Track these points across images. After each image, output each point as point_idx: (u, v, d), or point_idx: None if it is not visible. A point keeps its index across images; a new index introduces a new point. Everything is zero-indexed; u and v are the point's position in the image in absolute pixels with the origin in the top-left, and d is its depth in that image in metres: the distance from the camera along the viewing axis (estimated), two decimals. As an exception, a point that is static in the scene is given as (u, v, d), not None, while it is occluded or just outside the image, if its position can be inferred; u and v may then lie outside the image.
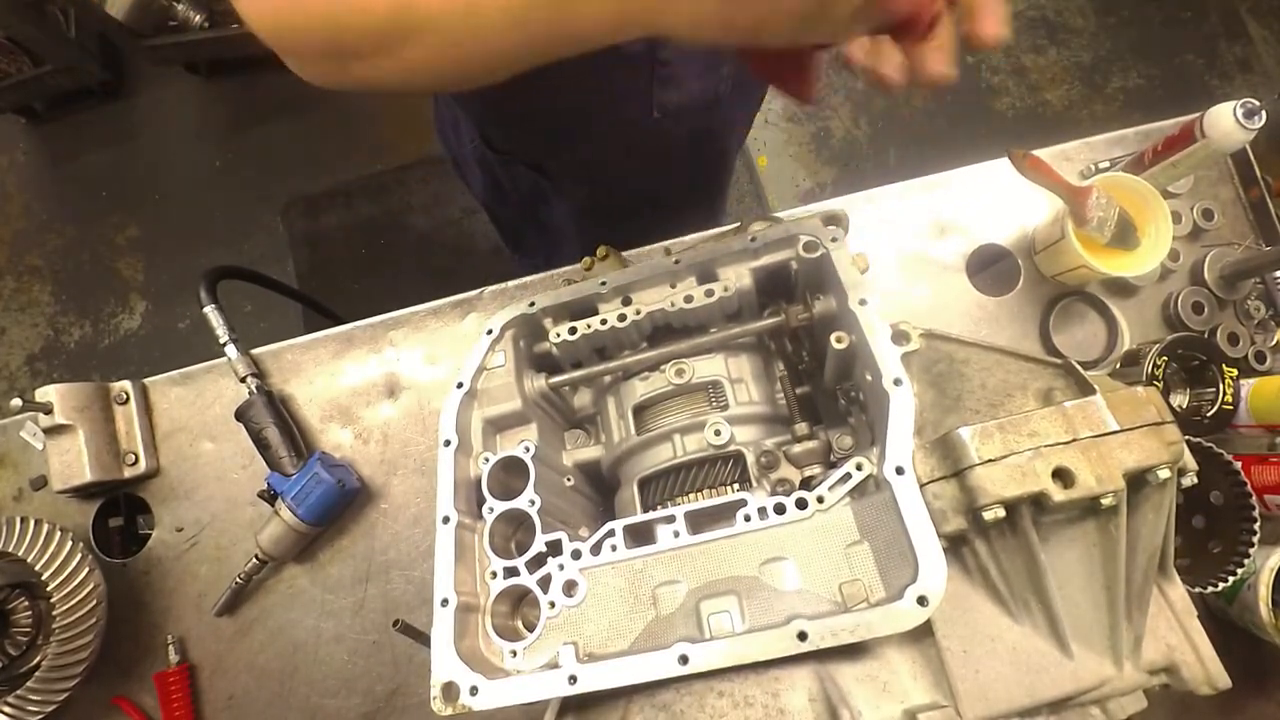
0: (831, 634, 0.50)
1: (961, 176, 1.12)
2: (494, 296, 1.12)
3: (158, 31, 2.56)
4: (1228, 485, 0.86)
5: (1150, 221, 0.98)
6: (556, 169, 1.17)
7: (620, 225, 1.23)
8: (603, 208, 1.25)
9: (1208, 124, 0.94)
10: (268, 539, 0.98)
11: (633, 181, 1.19)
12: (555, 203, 1.25)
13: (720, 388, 0.73)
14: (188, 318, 2.61)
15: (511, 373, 0.74)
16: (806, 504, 0.58)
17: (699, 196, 1.31)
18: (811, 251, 0.70)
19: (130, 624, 1.04)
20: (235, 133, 2.82)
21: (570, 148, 1.11)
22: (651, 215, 1.25)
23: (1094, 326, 1.07)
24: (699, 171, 1.26)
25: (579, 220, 1.29)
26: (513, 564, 0.64)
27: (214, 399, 1.11)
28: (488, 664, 0.60)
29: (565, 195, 1.22)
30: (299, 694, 1.00)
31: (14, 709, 0.88)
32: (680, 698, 0.54)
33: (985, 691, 0.52)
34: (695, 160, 1.21)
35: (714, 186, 1.39)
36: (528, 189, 1.24)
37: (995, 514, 0.51)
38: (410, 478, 1.06)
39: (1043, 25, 2.74)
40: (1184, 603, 0.58)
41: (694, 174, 1.25)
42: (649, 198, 1.25)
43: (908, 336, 0.62)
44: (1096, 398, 0.53)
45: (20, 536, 0.92)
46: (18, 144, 2.92)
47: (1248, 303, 1.06)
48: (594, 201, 1.23)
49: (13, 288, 2.75)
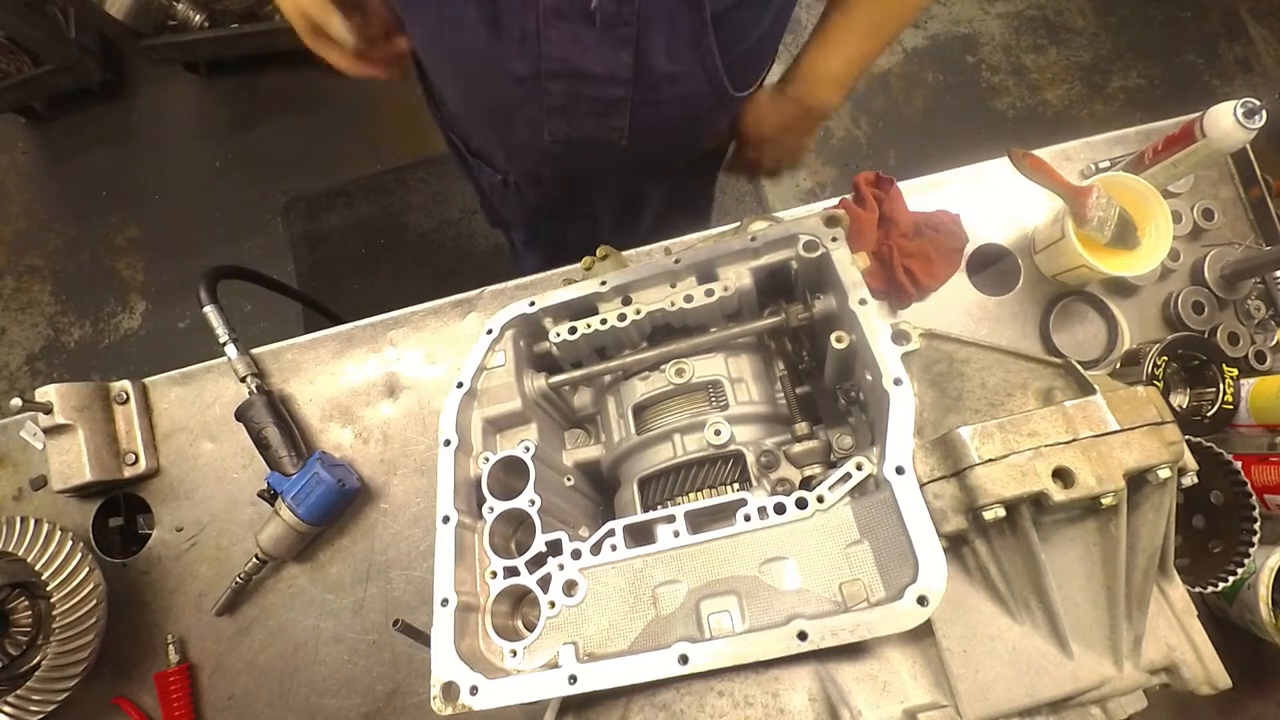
0: (831, 634, 0.50)
1: (961, 176, 1.12)
2: (494, 296, 1.12)
3: (158, 31, 2.56)
4: (1228, 485, 0.86)
5: (1150, 221, 0.98)
6: (511, 169, 1.19)
7: (571, 229, 1.29)
8: (551, 211, 1.27)
9: (1208, 124, 0.94)
10: (268, 539, 0.98)
11: (568, 191, 1.18)
12: (513, 200, 1.27)
13: (720, 387, 0.73)
14: (188, 318, 2.61)
15: (511, 372, 0.74)
16: (806, 504, 0.58)
17: (631, 219, 1.30)
18: (811, 251, 0.70)
19: (130, 624, 1.04)
20: (235, 133, 2.82)
21: (505, 153, 1.12)
22: (600, 222, 1.27)
23: (1094, 326, 1.07)
24: (621, 197, 1.23)
25: (533, 218, 1.32)
26: (513, 564, 0.64)
27: (214, 399, 1.11)
28: (488, 664, 0.60)
29: (520, 194, 1.24)
30: (299, 694, 1.00)
31: (14, 709, 0.88)
32: (680, 697, 0.54)
33: (985, 691, 0.52)
34: (613, 189, 1.20)
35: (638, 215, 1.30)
36: (489, 187, 1.28)
37: (995, 514, 0.51)
38: (410, 477, 1.06)
39: (1043, 25, 2.74)
40: (1184, 603, 0.58)
41: (619, 200, 1.24)
42: (587, 210, 1.25)
43: (908, 336, 0.62)
44: (1097, 397, 0.53)
45: (20, 536, 0.92)
46: (18, 144, 2.92)
47: (1248, 302, 1.06)
48: (541, 203, 1.25)
49: (13, 288, 2.75)
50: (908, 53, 2.72)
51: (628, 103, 0.91)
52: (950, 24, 2.75)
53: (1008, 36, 2.73)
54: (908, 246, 1.01)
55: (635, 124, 0.94)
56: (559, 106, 0.92)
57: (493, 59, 0.88)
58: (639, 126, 0.95)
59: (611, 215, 1.25)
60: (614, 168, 1.09)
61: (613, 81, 0.87)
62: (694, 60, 0.87)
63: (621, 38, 0.82)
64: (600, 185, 1.17)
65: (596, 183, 1.16)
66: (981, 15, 2.76)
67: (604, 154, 1.02)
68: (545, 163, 1.07)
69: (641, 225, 1.29)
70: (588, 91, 0.89)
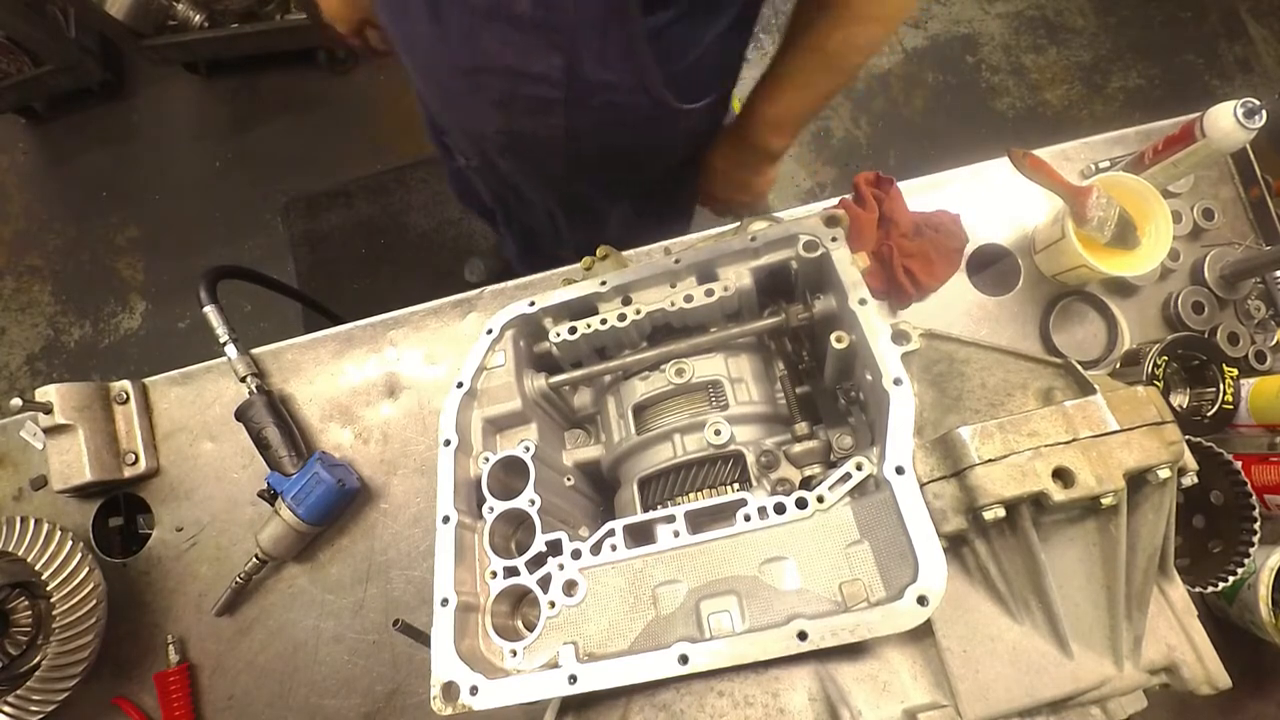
0: (831, 634, 0.50)
1: (961, 176, 1.12)
2: (494, 296, 1.12)
3: (158, 31, 2.56)
4: (1228, 485, 0.86)
5: (1150, 221, 0.98)
6: (468, 155, 1.20)
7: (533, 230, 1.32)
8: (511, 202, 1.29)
9: (1208, 124, 0.94)
10: (268, 539, 0.98)
11: (525, 183, 1.19)
12: (476, 184, 1.30)
13: (720, 387, 0.73)
14: (188, 318, 2.61)
15: (511, 372, 0.74)
16: (806, 504, 0.58)
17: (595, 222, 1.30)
18: (811, 251, 0.70)
19: (130, 624, 1.04)
20: (235, 133, 2.82)
21: (460, 138, 1.14)
22: (558, 221, 1.28)
23: (1094, 326, 1.07)
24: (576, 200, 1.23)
25: (498, 203, 1.35)
26: (513, 564, 0.64)
27: (214, 399, 1.11)
28: (488, 664, 0.60)
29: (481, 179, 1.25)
30: (299, 694, 1.00)
31: (14, 709, 0.88)
32: (680, 697, 0.54)
33: (985, 691, 0.52)
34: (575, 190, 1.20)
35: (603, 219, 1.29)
36: (452, 171, 1.31)
37: (995, 514, 0.51)
38: (410, 478, 1.06)
39: (1043, 25, 2.74)
40: (1184, 603, 0.58)
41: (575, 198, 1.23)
42: (548, 208, 1.25)
43: (908, 336, 0.62)
44: (1097, 397, 0.53)
45: (20, 536, 0.92)
46: (18, 144, 2.92)
47: (1248, 302, 1.06)
48: (497, 191, 1.26)
49: (13, 288, 2.75)
50: (908, 53, 2.72)
51: (562, 104, 0.90)
52: (950, 24, 2.75)
53: (1008, 36, 2.73)
54: (908, 246, 1.01)
55: (573, 125, 0.94)
56: (498, 101, 0.92)
57: (439, 49, 0.90)
58: (578, 128, 0.95)
59: (568, 215, 1.25)
60: (573, 167, 1.08)
61: (546, 82, 0.87)
62: (627, 70, 0.87)
63: (552, 42, 0.83)
64: (557, 184, 1.17)
65: (552, 181, 1.15)
66: (981, 15, 2.76)
67: (550, 151, 1.01)
68: (495, 152, 1.07)
69: (608, 231, 1.27)
70: (524, 90, 0.89)
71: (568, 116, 0.92)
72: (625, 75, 0.87)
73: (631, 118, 0.95)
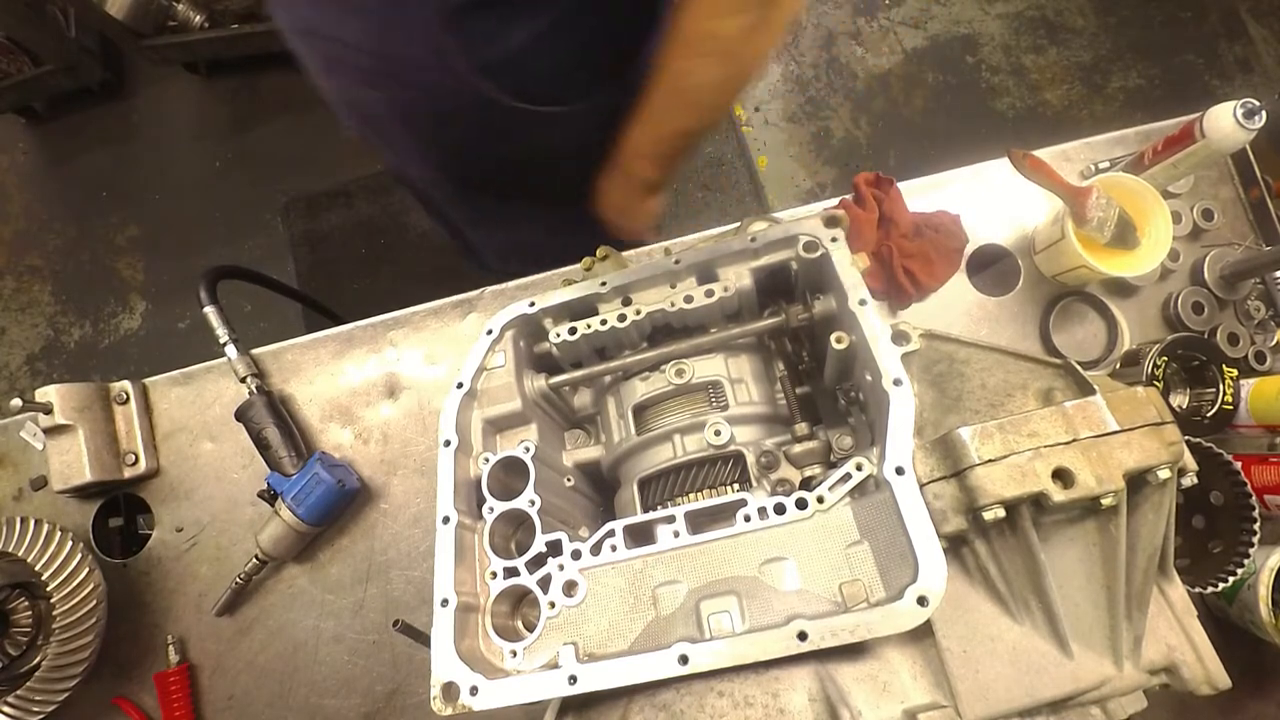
0: (831, 634, 0.50)
1: (961, 176, 1.12)
2: (494, 296, 1.12)
3: (158, 31, 2.56)
4: (1228, 485, 0.86)
5: (1150, 221, 0.98)
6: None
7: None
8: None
9: (1208, 124, 0.94)
10: (268, 539, 0.98)
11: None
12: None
13: (720, 388, 0.73)
14: (188, 318, 2.61)
15: (511, 373, 0.74)
16: (806, 504, 0.58)
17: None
18: (811, 251, 0.70)
19: (130, 624, 1.04)
20: (235, 133, 2.82)
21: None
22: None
23: (1094, 326, 1.07)
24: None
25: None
26: (513, 564, 0.64)
27: (214, 399, 1.11)
28: (488, 664, 0.60)
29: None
30: (299, 694, 1.00)
31: (14, 709, 0.88)
32: (680, 698, 0.54)
33: (985, 691, 0.52)
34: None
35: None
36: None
37: (995, 514, 0.51)
38: (410, 478, 1.06)
39: (1043, 25, 2.74)
40: (1184, 603, 0.58)
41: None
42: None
43: (908, 336, 0.62)
44: (1096, 398, 0.53)
45: (20, 536, 0.92)
46: (18, 144, 2.92)
47: (1248, 303, 1.06)
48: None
49: (13, 288, 2.75)
50: (908, 53, 2.72)
51: (378, 75, 0.90)
52: (950, 24, 2.75)
53: (1008, 37, 2.73)
54: (908, 247, 1.01)
55: (397, 100, 0.94)
56: (324, 67, 0.93)
57: (279, 13, 0.91)
58: (409, 111, 0.95)
59: (473, 224, 1.26)
60: (431, 158, 1.07)
61: (357, 49, 0.88)
62: (428, 47, 0.85)
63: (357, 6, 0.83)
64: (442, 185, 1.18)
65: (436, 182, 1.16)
66: (981, 15, 2.76)
67: (403, 132, 1.02)
68: (371, 136, 1.07)
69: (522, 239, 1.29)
70: (343, 57, 0.90)
71: (387, 88, 0.92)
72: (426, 53, 0.86)
73: (454, 103, 0.92)
